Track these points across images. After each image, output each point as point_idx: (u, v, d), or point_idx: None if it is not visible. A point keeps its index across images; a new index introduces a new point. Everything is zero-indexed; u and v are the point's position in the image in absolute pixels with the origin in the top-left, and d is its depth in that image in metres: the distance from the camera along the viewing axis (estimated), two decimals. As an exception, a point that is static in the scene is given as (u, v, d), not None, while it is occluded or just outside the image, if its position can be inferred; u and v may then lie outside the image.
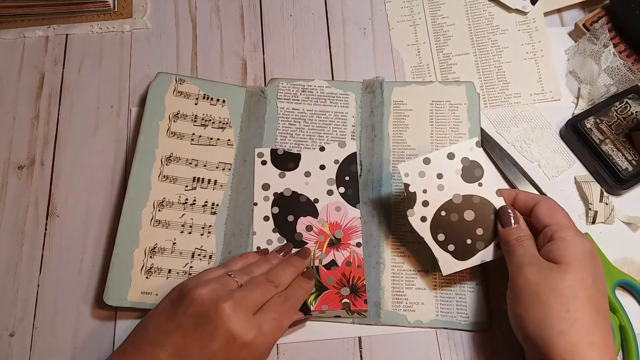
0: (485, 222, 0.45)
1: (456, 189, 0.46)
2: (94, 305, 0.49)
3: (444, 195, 0.46)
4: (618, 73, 0.54)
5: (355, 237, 0.50)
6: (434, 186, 0.46)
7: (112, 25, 0.59)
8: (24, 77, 0.57)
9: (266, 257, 0.48)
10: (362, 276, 0.48)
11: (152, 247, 0.49)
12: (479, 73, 0.57)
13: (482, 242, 0.45)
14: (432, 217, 0.46)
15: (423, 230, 0.46)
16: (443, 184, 0.46)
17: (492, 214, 0.45)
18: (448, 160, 0.46)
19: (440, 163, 0.46)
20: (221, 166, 0.52)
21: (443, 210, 0.46)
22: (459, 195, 0.46)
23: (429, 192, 0.46)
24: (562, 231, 0.41)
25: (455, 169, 0.46)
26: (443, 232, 0.46)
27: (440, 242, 0.46)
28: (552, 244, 0.41)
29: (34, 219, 0.52)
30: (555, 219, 0.43)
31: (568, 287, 0.39)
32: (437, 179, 0.46)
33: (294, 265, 0.47)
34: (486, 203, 0.46)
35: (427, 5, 0.60)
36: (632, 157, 0.51)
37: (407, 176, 0.46)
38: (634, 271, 0.49)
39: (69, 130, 0.55)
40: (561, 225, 0.42)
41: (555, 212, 0.43)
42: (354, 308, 0.47)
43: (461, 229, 0.46)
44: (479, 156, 0.46)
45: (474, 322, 0.47)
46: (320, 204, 0.51)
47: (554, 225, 0.42)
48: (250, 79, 0.57)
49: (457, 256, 0.46)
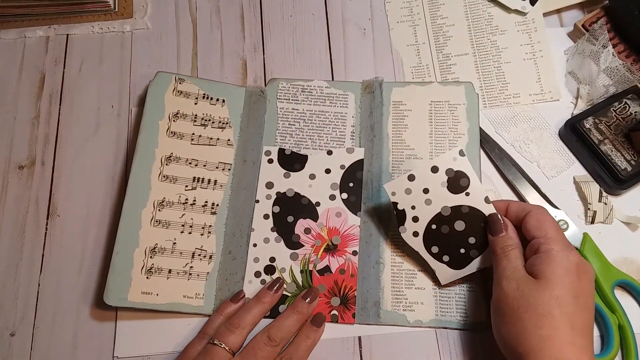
0: (477, 230, 0.46)
1: (444, 201, 0.46)
2: (94, 305, 0.49)
3: (433, 210, 0.46)
4: (617, 73, 0.54)
5: (353, 244, 0.50)
6: (422, 201, 0.46)
7: (113, 25, 0.60)
8: (24, 77, 0.57)
9: (257, 296, 0.47)
10: (354, 286, 0.48)
11: (153, 247, 0.49)
12: (479, 73, 0.57)
13: (476, 250, 0.46)
14: (423, 231, 0.46)
15: (417, 245, 0.47)
16: (430, 198, 0.46)
17: (482, 222, 0.46)
18: (432, 173, 0.46)
19: (425, 177, 0.46)
20: (221, 166, 0.52)
21: (433, 224, 0.46)
22: (447, 207, 0.46)
23: (417, 208, 0.46)
24: (548, 244, 0.41)
25: (440, 181, 0.46)
26: (436, 244, 0.46)
27: (434, 254, 0.46)
28: (537, 257, 0.41)
29: (35, 218, 0.52)
30: (543, 231, 0.42)
31: (543, 304, 0.38)
32: (423, 193, 0.46)
33: (300, 312, 0.46)
34: (475, 212, 0.46)
35: (427, 6, 0.60)
36: (631, 157, 0.51)
37: (394, 195, 0.46)
38: (633, 271, 0.49)
39: (70, 130, 0.55)
40: (548, 238, 0.41)
41: (544, 223, 0.43)
42: (341, 321, 0.47)
43: (454, 240, 0.46)
44: (464, 165, 0.46)
45: (473, 322, 0.47)
46: (322, 208, 0.51)
47: (542, 237, 0.42)
48: (250, 79, 0.57)
49: (452, 266, 0.46)
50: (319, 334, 0.46)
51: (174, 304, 0.47)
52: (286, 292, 0.48)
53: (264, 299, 0.46)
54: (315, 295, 0.47)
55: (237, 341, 0.43)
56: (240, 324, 0.44)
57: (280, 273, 0.49)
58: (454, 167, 0.46)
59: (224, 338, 0.43)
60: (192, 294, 0.48)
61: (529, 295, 0.39)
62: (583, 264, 0.41)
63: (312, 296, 0.47)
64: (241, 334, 0.44)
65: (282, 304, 0.48)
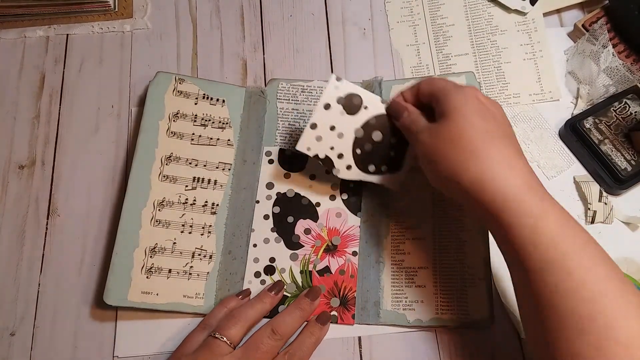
0: (391, 130, 0.48)
1: (352, 126, 0.48)
2: (94, 305, 0.49)
3: (348, 139, 0.48)
4: (617, 73, 0.54)
5: (353, 245, 0.50)
6: (335, 138, 0.48)
7: (113, 25, 0.60)
8: (24, 77, 0.57)
9: (258, 296, 0.47)
10: (354, 287, 0.48)
11: (152, 246, 0.49)
12: (479, 73, 0.57)
13: (401, 146, 0.48)
14: (353, 161, 0.48)
15: (355, 175, 0.48)
16: (340, 131, 0.48)
17: (389, 120, 0.48)
18: (328, 110, 0.48)
19: (324, 117, 0.47)
20: (221, 166, 0.52)
21: (357, 149, 0.48)
22: (358, 128, 0.48)
23: (335, 146, 0.48)
24: (443, 90, 0.42)
25: (338, 112, 0.48)
26: (369, 163, 0.48)
27: (373, 172, 0.49)
28: (437, 105, 0.43)
29: (35, 218, 0.52)
30: (435, 85, 0.44)
31: (453, 132, 0.40)
32: (332, 131, 0.48)
33: (302, 309, 0.45)
34: (381, 117, 0.48)
35: (427, 6, 0.60)
36: (631, 157, 0.51)
37: (309, 149, 0.48)
38: (633, 271, 0.49)
39: (70, 130, 0.55)
40: (441, 87, 0.43)
41: (434, 80, 0.44)
42: (341, 322, 0.47)
43: (380, 150, 0.48)
44: (348, 87, 0.48)
45: (475, 320, 0.47)
46: (322, 208, 0.51)
47: (436, 90, 0.43)
48: (250, 79, 0.57)
49: (393, 170, 0.49)
50: (323, 332, 0.46)
51: (174, 303, 0.47)
52: (286, 293, 0.48)
53: (265, 299, 0.46)
54: (317, 294, 0.47)
55: (239, 335, 0.43)
56: (242, 318, 0.44)
57: (280, 273, 0.49)
58: (341, 93, 0.48)
59: (225, 331, 0.43)
60: (192, 293, 0.48)
61: (441, 133, 0.40)
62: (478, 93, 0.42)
63: (313, 295, 0.47)
64: (243, 327, 0.43)
65: (282, 304, 0.48)
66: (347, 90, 0.48)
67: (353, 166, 0.48)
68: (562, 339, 0.33)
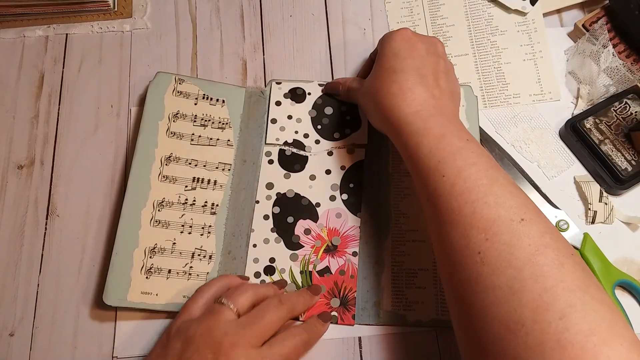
0: (338, 101, 0.54)
1: (305, 110, 0.54)
2: (94, 305, 0.49)
3: (306, 120, 0.53)
4: (617, 73, 0.54)
5: (353, 245, 0.50)
6: (295, 123, 0.53)
7: (112, 25, 0.59)
8: (23, 76, 0.57)
9: (265, 284, 0.47)
10: (354, 287, 0.48)
11: (152, 247, 0.49)
12: (479, 74, 0.57)
13: (353, 109, 0.54)
14: (318, 135, 0.53)
15: (326, 145, 0.53)
16: (297, 117, 0.53)
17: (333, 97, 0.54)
18: (280, 106, 0.54)
19: (279, 112, 0.54)
20: (221, 166, 0.52)
21: (317, 125, 0.53)
22: (311, 109, 0.54)
23: (299, 129, 0.53)
24: (379, 43, 0.49)
25: (289, 104, 0.54)
26: (333, 131, 0.53)
27: (339, 137, 0.53)
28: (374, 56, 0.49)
29: (34, 218, 0.52)
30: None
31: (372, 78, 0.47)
32: (290, 120, 0.53)
33: (305, 297, 0.46)
34: (324, 96, 0.54)
35: (427, 6, 0.60)
36: (632, 157, 0.51)
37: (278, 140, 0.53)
38: (633, 271, 0.49)
39: (69, 130, 0.55)
40: (380, 40, 0.49)
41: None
42: (341, 322, 0.47)
43: (336, 119, 0.54)
44: (288, 84, 0.55)
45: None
46: (322, 209, 0.51)
47: (378, 44, 0.50)
48: (250, 79, 0.57)
49: (355, 129, 0.53)
50: (324, 327, 0.46)
51: (174, 304, 0.47)
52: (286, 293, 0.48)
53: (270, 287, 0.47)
54: (318, 292, 0.47)
55: (246, 304, 0.42)
56: (250, 289, 0.43)
57: (280, 274, 0.49)
58: (284, 90, 0.54)
59: (232, 299, 0.42)
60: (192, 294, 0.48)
61: (367, 82, 0.48)
62: (409, 33, 0.47)
63: (314, 290, 0.47)
64: (250, 297, 0.43)
65: (282, 304, 0.48)
66: (289, 86, 0.55)
67: (320, 139, 0.53)
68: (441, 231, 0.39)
